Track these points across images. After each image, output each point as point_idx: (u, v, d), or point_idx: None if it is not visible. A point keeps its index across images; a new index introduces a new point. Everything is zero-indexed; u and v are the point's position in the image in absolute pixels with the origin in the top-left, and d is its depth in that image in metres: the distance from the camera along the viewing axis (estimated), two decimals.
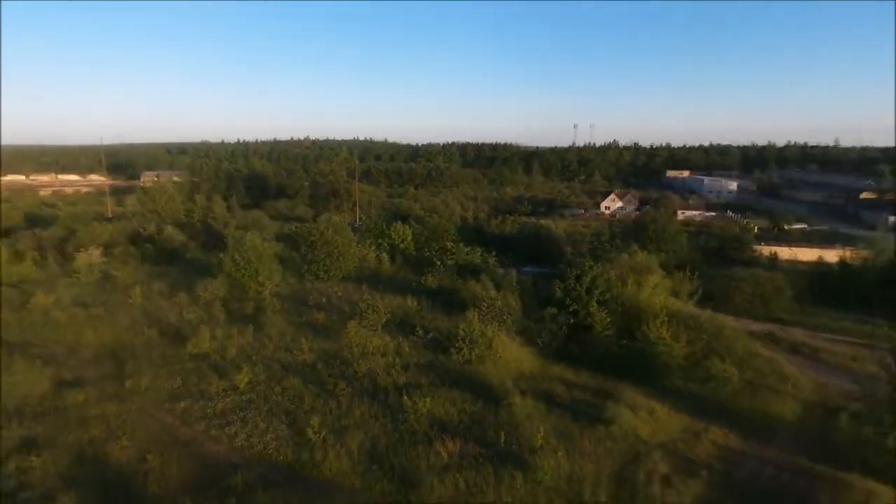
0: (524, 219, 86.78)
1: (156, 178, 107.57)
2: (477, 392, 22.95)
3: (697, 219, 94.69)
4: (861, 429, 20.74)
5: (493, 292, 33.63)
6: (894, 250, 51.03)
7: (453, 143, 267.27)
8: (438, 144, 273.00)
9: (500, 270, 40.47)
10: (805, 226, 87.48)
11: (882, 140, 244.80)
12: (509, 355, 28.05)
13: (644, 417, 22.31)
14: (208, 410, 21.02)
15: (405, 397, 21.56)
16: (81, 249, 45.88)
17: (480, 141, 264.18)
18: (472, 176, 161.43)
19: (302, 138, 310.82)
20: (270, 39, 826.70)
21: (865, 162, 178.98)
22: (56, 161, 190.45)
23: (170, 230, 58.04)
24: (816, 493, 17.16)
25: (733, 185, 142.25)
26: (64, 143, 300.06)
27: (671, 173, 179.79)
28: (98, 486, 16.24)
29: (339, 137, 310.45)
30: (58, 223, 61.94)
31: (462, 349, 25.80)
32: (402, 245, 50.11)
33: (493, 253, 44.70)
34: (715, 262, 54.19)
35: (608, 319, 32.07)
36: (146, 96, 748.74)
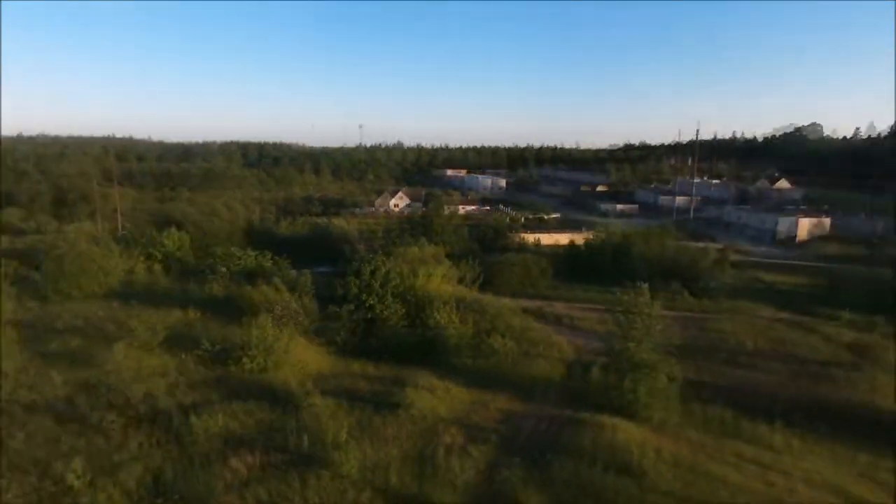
0: (315, 219, 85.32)
1: None
2: (275, 400, 21.89)
3: (476, 213, 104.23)
4: (607, 378, 25.19)
5: (286, 295, 32.39)
6: (620, 233, 63.15)
7: (233, 142, 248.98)
8: (216, 143, 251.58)
9: (293, 272, 39.14)
10: (559, 215, 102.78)
11: (608, 143, 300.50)
12: (307, 357, 27.39)
13: (440, 396, 23.86)
14: None
15: (192, 417, 19.51)
16: None
17: (263, 140, 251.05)
18: (257, 177, 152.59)
19: (35, 134, 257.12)
20: None
21: (598, 161, 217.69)
22: None
23: None
24: (578, 435, 20.37)
25: (503, 182, 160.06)
26: None
27: (451, 172, 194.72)
28: None
29: (88, 134, 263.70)
30: None
31: (255, 357, 24.32)
32: (178, 253, 45.05)
33: (285, 255, 42.96)
34: (491, 250, 60.33)
35: (403, 310, 33.44)
36: None
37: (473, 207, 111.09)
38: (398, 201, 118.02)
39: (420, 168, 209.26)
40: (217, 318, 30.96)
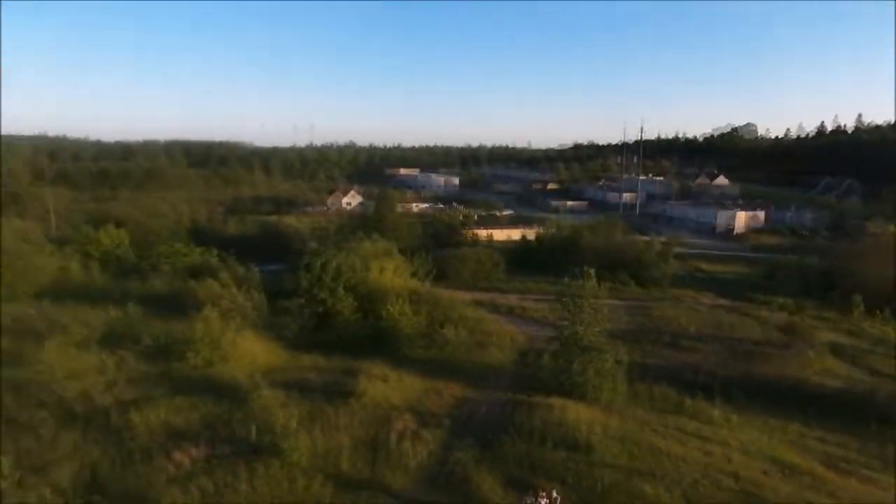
0: (265, 218, 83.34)
1: None
2: (222, 393, 21.29)
3: (428, 210, 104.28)
4: (557, 362, 25.75)
5: (233, 290, 31.51)
6: (570, 227, 64.65)
7: (176, 142, 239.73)
8: (158, 142, 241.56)
9: (241, 268, 38.10)
10: (511, 211, 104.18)
11: (557, 141, 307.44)
12: (257, 352, 26.76)
13: (393, 385, 23.80)
14: None
15: (132, 413, 18.73)
16: None
17: (208, 139, 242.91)
18: (203, 176, 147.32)
19: None
20: None
21: (549, 160, 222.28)
22: None
23: None
24: (528, 416, 20.74)
25: (455, 181, 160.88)
26: None
27: (404, 171, 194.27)
28: None
29: (17, 133, 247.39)
30: None
31: (200, 352, 23.55)
32: (117, 251, 43.06)
33: (233, 253, 41.75)
34: (443, 245, 60.50)
35: (355, 304, 33.12)
36: None
37: (427, 205, 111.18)
38: (350, 199, 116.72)
39: (373, 167, 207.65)
40: (159, 315, 29.77)
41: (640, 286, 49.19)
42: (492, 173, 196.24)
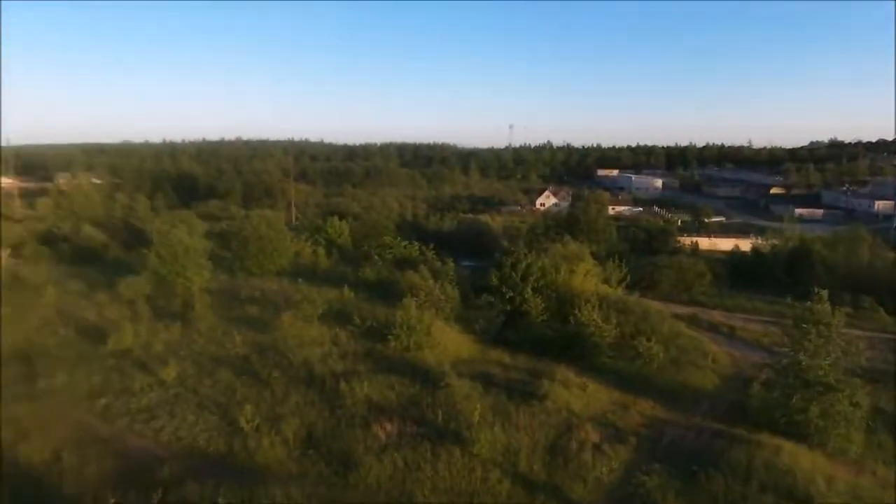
0: (463, 216, 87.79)
1: (71, 179, 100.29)
2: (415, 376, 23.00)
3: (626, 213, 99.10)
4: (771, 395, 22.37)
5: (430, 282, 33.79)
6: (798, 239, 55.47)
7: (391, 144, 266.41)
8: (376, 145, 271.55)
9: (439, 263, 40.73)
10: (723, 219, 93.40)
11: (789, 141, 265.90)
12: (447, 341, 28.26)
13: (576, 393, 23.14)
14: (131, 406, 19.93)
15: (342, 383, 21.33)
16: None
17: (418, 141, 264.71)
18: (410, 175, 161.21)
19: (233, 139, 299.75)
20: (194, 34, 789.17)
21: (774, 161, 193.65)
22: None
23: (88, 230, 54.52)
24: (732, 451, 18.38)
25: (658, 183, 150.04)
26: None
27: (602, 172, 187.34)
28: (7, 490, 15.04)
29: (273, 138, 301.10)
30: None
31: (400, 336, 25.76)
32: (339, 240, 49.47)
33: (432, 248, 44.89)
34: (642, 252, 56.85)
35: (543, 305, 33.02)
36: (58, 94, 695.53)
37: (625, 208, 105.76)
38: (544, 200, 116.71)
39: (569, 168, 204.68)
40: (369, 300, 33.38)
41: (893, 315, 40.00)
42: (702, 174, 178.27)
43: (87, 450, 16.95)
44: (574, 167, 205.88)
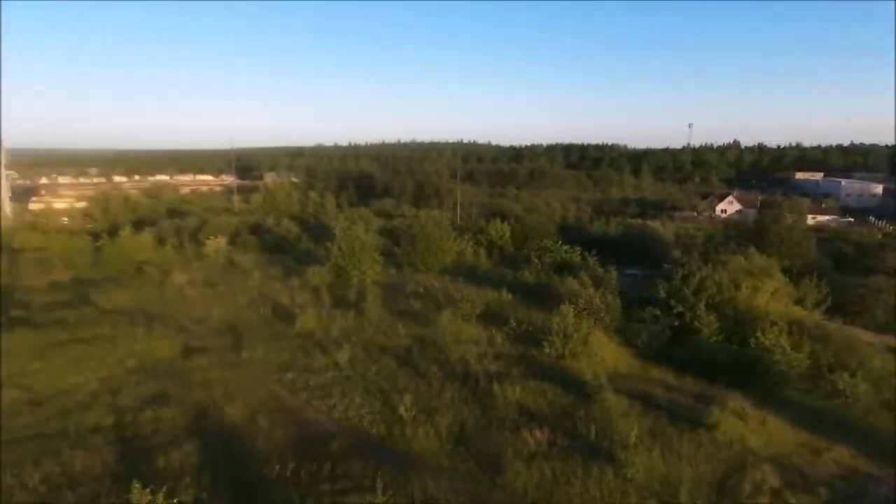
0: (630, 220, 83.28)
1: (276, 178, 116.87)
2: (568, 386, 22.42)
3: (831, 224, 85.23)
4: None
5: (590, 290, 32.62)
6: None
7: (557, 144, 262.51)
8: (542, 145, 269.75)
9: (600, 270, 39.17)
10: None
11: None
12: (605, 353, 27.10)
13: (753, 427, 20.54)
14: (311, 383, 22.47)
15: (495, 385, 21.63)
16: (210, 238, 51.16)
17: (586, 142, 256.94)
18: (576, 177, 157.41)
19: (408, 141, 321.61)
20: (378, 42, 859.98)
21: None
22: (194, 163, 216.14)
23: (286, 223, 63.12)
24: None
25: (878, 189, 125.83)
26: (199, 147, 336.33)
27: (801, 175, 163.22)
28: (215, 439, 17.99)
29: (443, 140, 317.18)
30: (193, 216, 70.12)
31: (555, 343, 25.30)
32: (499, 242, 50.23)
33: (594, 253, 43.30)
34: (850, 270, 48.46)
35: (717, 324, 29.95)
36: (265, 101, 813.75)
37: (829, 218, 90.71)
38: (727, 206, 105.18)
39: (760, 170, 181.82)
40: (526, 303, 33.38)
41: None
42: None
43: (276, 416, 19.54)
44: (765, 169, 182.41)
